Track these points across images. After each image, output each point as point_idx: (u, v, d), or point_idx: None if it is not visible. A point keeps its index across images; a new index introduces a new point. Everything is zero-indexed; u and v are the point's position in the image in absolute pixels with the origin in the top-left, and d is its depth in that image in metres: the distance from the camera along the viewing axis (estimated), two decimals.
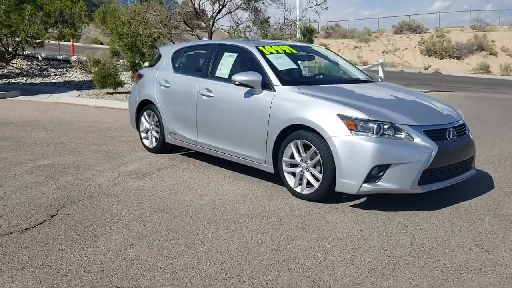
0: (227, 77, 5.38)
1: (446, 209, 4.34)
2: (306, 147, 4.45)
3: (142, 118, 6.68)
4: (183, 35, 14.03)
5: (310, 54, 5.80)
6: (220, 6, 14.12)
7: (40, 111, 10.60)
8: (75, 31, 23.40)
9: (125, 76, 15.50)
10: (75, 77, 18.60)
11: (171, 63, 6.32)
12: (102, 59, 14.10)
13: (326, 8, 12.54)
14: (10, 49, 19.80)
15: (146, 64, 13.12)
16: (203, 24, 15.49)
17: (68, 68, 20.15)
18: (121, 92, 13.86)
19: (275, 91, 4.77)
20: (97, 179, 5.27)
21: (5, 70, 19.35)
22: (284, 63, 5.15)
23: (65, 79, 17.93)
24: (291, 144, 4.54)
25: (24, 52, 21.13)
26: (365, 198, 4.59)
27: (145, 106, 6.64)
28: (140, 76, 6.85)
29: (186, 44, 6.43)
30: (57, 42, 25.58)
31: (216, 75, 5.53)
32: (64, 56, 21.84)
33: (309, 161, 4.45)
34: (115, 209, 4.27)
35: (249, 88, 4.96)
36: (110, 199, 4.56)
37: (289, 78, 5.10)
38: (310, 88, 4.75)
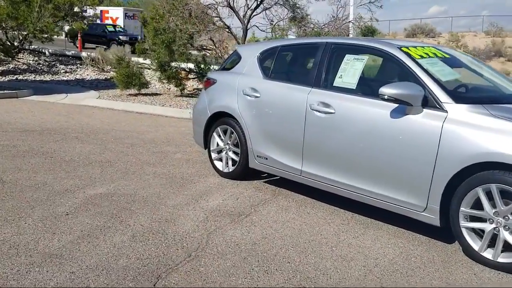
0: (353, 87, 4.00)
1: None
2: (507, 196, 3.06)
3: (214, 135, 5.28)
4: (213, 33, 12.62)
5: (457, 59, 4.41)
6: (258, 1, 12.75)
7: (62, 115, 9.16)
8: (85, 26, 21.93)
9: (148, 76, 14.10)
10: (87, 74, 17.19)
11: (258, 67, 4.93)
12: (126, 57, 12.66)
13: (380, 7, 11.19)
14: (15, 43, 18.32)
15: (174, 64, 11.72)
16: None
17: (78, 65, 18.72)
18: (146, 94, 12.46)
19: (445, 111, 3.39)
20: (180, 222, 3.87)
21: (11, 66, 17.89)
22: (445, 72, 3.79)
23: (77, 77, 16.51)
24: (479, 190, 3.17)
25: (31, 47, 19.67)
26: None
27: (218, 119, 5.24)
28: (210, 82, 5.44)
29: (279, 42, 5.03)
30: (64, 37, 24.09)
31: (334, 84, 4.15)
32: (73, 52, 20.37)
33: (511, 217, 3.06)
34: (239, 286, 2.86)
35: (397, 105, 3.57)
36: (220, 263, 3.17)
37: (462, 93, 3.71)
38: (499, 108, 3.36)
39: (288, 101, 4.45)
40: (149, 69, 13.22)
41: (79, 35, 23.81)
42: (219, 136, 5.29)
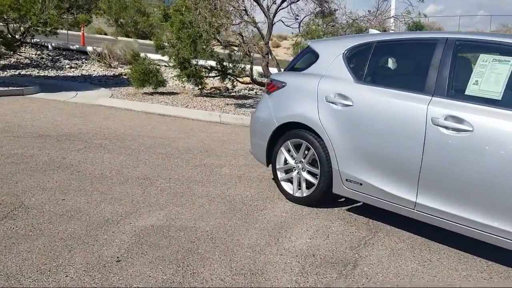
0: (498, 97, 3.05)
1: None
2: None
3: (283, 150, 4.28)
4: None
5: None
6: None
7: (77, 116, 8.13)
8: (90, 18, 20.88)
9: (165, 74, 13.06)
10: (94, 70, 16.16)
11: (346, 67, 3.93)
12: (141, 53, 11.62)
13: (422, 1, 10.20)
14: (17, 36, 17.25)
15: (195, 61, 10.66)
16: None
17: (83, 60, 17.67)
18: (162, 93, 11.44)
19: None
20: (271, 275, 2.89)
21: (12, 60, 16.82)
22: None
23: (83, 73, 15.48)
24: None
25: (33, 40, 18.58)
26: None
27: (288, 131, 4.24)
28: (276, 85, 4.44)
29: (373, 37, 4.03)
30: (66, 31, 23.01)
31: (467, 92, 3.17)
32: (77, 46, 19.30)
33: None
34: None
35: None
36: None
37: None
38: None
39: (398, 112, 3.45)
40: (158, 66, 12.15)
41: (82, 30, 22.69)
42: (289, 151, 4.30)
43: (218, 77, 11.53)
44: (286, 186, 4.36)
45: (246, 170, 5.35)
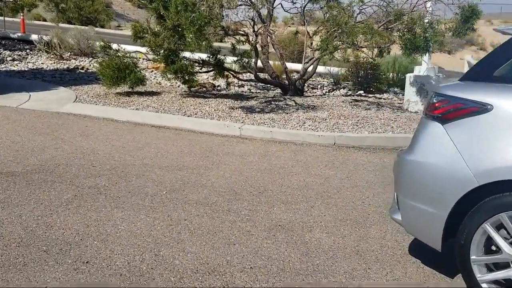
0: None
1: None
2: None
3: (488, 227, 2.31)
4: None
5: None
6: None
7: (43, 133, 5.76)
8: (36, 2, 17.93)
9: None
10: (42, 63, 13.53)
11: None
12: (112, 45, 9.19)
13: None
14: None
15: (187, 54, 8.44)
16: None
17: (27, 50, 14.91)
18: (140, 93, 9.10)
19: None
20: None
21: None
22: None
23: (30, 67, 12.78)
24: None
25: None
26: None
27: (501, 195, 2.20)
28: (461, 108, 2.38)
29: None
30: (3, 17, 19.80)
31: None
32: (18, 34, 16.42)
33: None
34: None
35: None
36: None
37: None
38: None
39: None
40: (135, 59, 9.78)
41: (22, 15, 19.50)
42: (498, 229, 2.27)
43: (210, 73, 9.36)
44: None
45: (351, 235, 3.32)
